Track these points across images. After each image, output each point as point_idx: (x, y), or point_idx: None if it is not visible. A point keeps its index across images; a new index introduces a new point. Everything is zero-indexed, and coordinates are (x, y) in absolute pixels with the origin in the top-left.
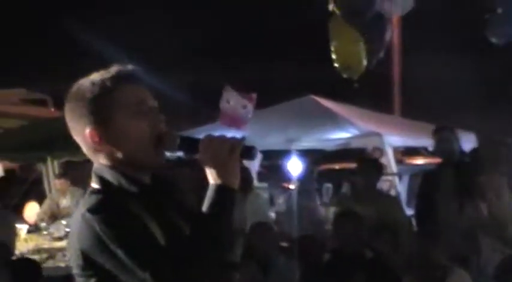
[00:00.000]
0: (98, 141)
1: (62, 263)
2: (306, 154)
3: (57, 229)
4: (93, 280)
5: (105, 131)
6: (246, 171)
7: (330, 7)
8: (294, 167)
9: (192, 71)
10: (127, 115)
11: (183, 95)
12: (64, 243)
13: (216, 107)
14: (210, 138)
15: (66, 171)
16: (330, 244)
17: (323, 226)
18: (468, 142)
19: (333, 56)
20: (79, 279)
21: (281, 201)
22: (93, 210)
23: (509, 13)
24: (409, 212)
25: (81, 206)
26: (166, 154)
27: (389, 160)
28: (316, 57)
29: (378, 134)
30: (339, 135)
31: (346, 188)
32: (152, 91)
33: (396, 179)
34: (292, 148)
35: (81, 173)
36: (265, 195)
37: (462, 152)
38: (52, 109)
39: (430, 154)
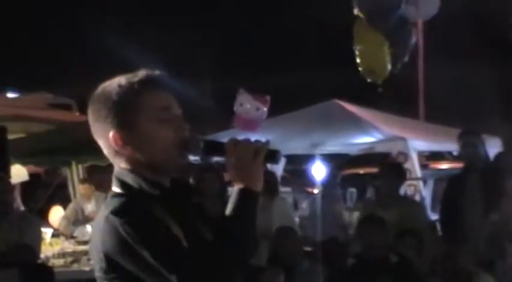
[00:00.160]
0: (120, 144)
1: (87, 267)
2: (330, 159)
3: (81, 233)
4: None
5: (128, 135)
6: (272, 176)
7: (355, 11)
8: (318, 171)
9: (217, 77)
10: (152, 120)
11: (208, 101)
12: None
13: None
14: (234, 141)
15: (90, 176)
16: (353, 248)
17: (347, 231)
18: (493, 147)
19: (357, 60)
20: None
21: (305, 205)
22: (117, 212)
23: None
24: (433, 216)
25: (104, 208)
26: (192, 158)
27: (414, 165)
28: (341, 61)
29: (403, 139)
30: (363, 140)
31: (370, 193)
32: (178, 98)
33: (421, 184)
34: (316, 152)
35: (105, 178)
36: (290, 200)
37: (487, 156)
38: (77, 113)
39: (455, 159)
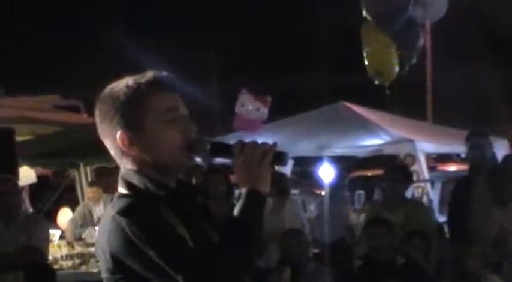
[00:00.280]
0: (127, 144)
1: (95, 269)
2: (337, 160)
3: (90, 235)
4: None
5: (135, 135)
6: (283, 177)
7: (363, 13)
8: (326, 173)
9: (224, 79)
10: (159, 121)
11: (216, 103)
12: None
13: None
14: (242, 143)
15: (98, 179)
16: (359, 250)
17: (354, 233)
18: (501, 148)
19: (365, 62)
20: None
21: (312, 207)
22: (123, 212)
23: None
24: (441, 218)
25: (110, 209)
26: (199, 161)
27: (422, 166)
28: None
29: (410, 141)
30: (371, 142)
31: (378, 195)
32: (185, 99)
33: (429, 186)
34: (323, 154)
35: (113, 180)
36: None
37: (495, 158)
38: (85, 115)
39: (463, 160)
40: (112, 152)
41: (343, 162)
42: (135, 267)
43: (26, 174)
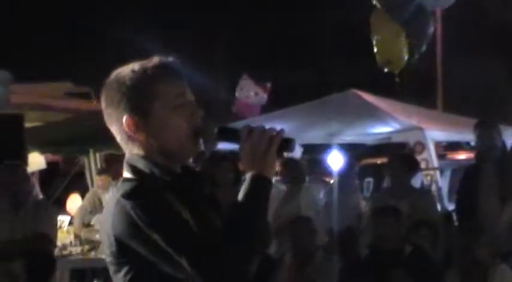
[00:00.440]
0: (133, 129)
1: (104, 255)
2: (347, 148)
3: (99, 222)
4: (125, 268)
5: (141, 120)
6: (298, 164)
7: (373, 1)
8: (335, 161)
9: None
10: (165, 106)
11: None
12: None
13: None
14: (249, 128)
15: (108, 166)
16: (364, 239)
17: (363, 221)
18: (511, 137)
19: (374, 50)
20: (111, 268)
21: (321, 195)
22: (128, 196)
23: None
24: (450, 207)
25: (115, 192)
26: (207, 147)
27: (431, 155)
28: (359, 52)
29: (420, 129)
30: (381, 130)
31: (387, 183)
32: (191, 85)
33: (437, 174)
34: (333, 142)
35: (122, 167)
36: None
37: (504, 147)
38: (95, 102)
39: (473, 149)
40: (118, 138)
41: (353, 150)
42: (139, 250)
43: (36, 160)
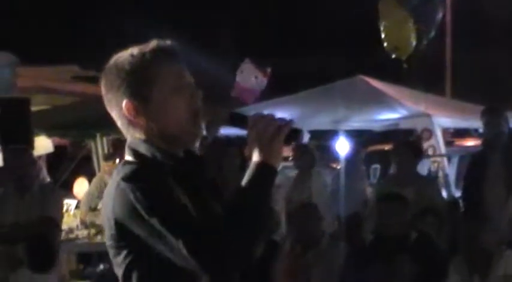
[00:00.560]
0: (134, 113)
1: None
2: (354, 134)
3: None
4: (124, 252)
5: (141, 104)
6: (309, 149)
7: None
8: (342, 147)
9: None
10: (165, 89)
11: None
12: None
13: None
14: (259, 115)
15: (114, 152)
16: (369, 225)
17: (368, 207)
18: None
19: (382, 36)
20: (111, 251)
21: (328, 181)
22: (128, 179)
23: None
24: (457, 193)
25: (116, 175)
26: (209, 132)
27: (439, 141)
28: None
29: (428, 115)
30: (388, 116)
31: (394, 169)
32: (191, 68)
33: (445, 161)
34: (340, 128)
35: None
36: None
37: (511, 134)
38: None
39: (480, 136)
40: (119, 123)
41: (360, 136)
42: (139, 233)
43: (43, 144)
